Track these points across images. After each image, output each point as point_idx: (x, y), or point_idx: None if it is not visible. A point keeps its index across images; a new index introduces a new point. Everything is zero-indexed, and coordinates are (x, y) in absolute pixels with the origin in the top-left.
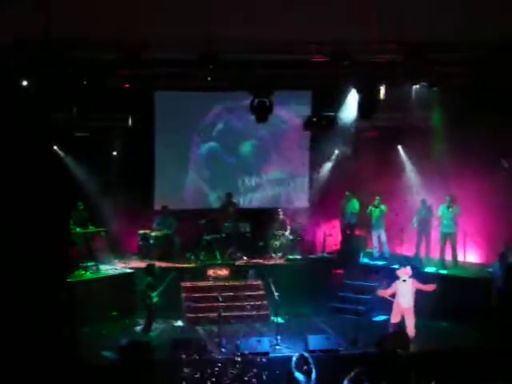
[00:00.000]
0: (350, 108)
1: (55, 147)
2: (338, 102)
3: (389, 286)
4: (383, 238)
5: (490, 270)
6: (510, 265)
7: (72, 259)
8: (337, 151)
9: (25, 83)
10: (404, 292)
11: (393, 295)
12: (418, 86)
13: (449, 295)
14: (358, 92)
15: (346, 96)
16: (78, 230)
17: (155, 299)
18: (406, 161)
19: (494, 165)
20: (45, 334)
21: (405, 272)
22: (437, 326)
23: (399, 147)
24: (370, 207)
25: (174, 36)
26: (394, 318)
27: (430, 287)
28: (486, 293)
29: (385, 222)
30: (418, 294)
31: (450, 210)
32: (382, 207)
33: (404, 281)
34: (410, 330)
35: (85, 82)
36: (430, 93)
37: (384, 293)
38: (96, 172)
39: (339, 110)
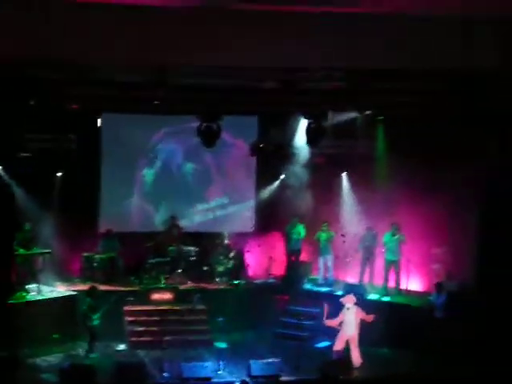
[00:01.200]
0: (297, 134)
1: None
2: (285, 128)
3: (333, 313)
4: (329, 263)
5: (431, 298)
6: (450, 293)
7: (14, 281)
8: (283, 176)
9: None
10: (349, 320)
11: (340, 324)
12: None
13: (391, 322)
14: (305, 119)
15: (294, 122)
16: (21, 251)
17: (96, 322)
18: (348, 188)
19: (437, 195)
20: None
21: (349, 300)
22: (378, 353)
23: (343, 175)
24: (318, 233)
25: (123, 60)
26: (338, 345)
27: (370, 318)
28: (427, 321)
29: (332, 248)
30: (361, 322)
31: (395, 237)
32: (330, 233)
33: (348, 309)
34: (356, 356)
35: (31, 102)
36: (375, 121)
37: (331, 322)
38: (40, 193)
39: (286, 136)
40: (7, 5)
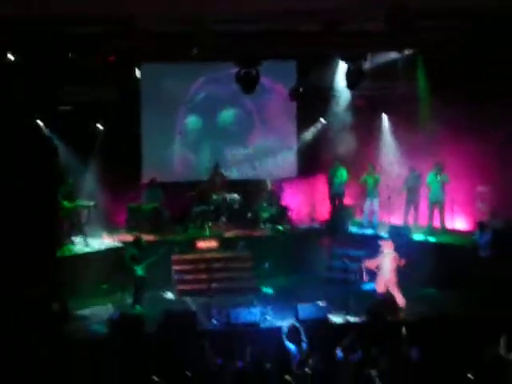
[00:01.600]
0: (337, 77)
1: (39, 122)
2: (324, 71)
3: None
4: (376, 206)
5: (474, 237)
6: (495, 231)
7: (60, 234)
8: (323, 120)
9: (11, 58)
10: (385, 264)
11: (377, 267)
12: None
13: (436, 262)
14: (344, 62)
15: (333, 65)
16: (65, 204)
17: (140, 272)
18: (389, 130)
19: (482, 132)
20: (35, 309)
21: (386, 245)
22: (425, 293)
23: (384, 116)
24: (364, 176)
25: (160, 8)
26: (379, 288)
27: (402, 262)
28: (473, 260)
29: (378, 191)
30: (407, 261)
31: (439, 177)
32: (376, 176)
33: (385, 254)
34: (399, 299)
35: (70, 55)
36: (416, 62)
37: (370, 264)
38: (82, 146)
39: (326, 80)
40: None
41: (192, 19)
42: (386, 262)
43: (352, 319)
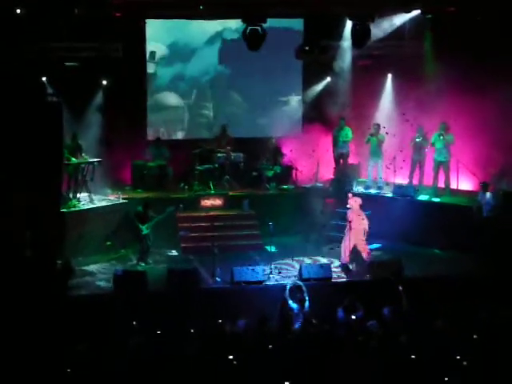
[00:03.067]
0: (343, 36)
1: (44, 78)
2: (331, 30)
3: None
4: (380, 166)
5: (478, 198)
6: (503, 192)
7: (65, 190)
8: (329, 79)
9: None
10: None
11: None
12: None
13: (442, 223)
14: (351, 20)
15: (340, 25)
16: (72, 160)
17: (145, 231)
18: (395, 89)
19: (488, 92)
20: (39, 265)
21: (353, 201)
22: (429, 253)
23: (389, 75)
24: (368, 136)
25: None
26: (346, 244)
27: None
28: (477, 220)
29: (383, 151)
30: (411, 221)
31: (441, 137)
32: (380, 136)
33: (353, 209)
34: (365, 254)
35: (76, 11)
36: (423, 20)
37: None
38: (87, 102)
39: (332, 39)
40: None
41: None
42: (353, 217)
43: (355, 279)
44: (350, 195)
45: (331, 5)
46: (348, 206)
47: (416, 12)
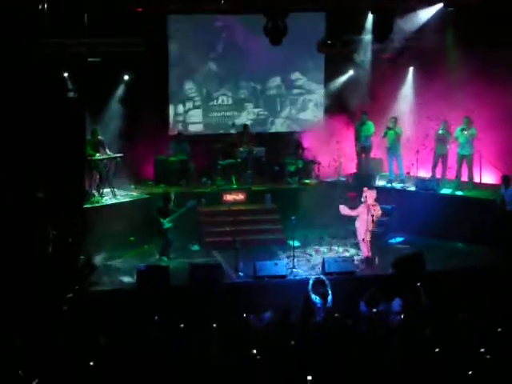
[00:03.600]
0: (365, 30)
1: (66, 74)
2: (352, 23)
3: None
4: (399, 160)
5: (501, 191)
6: None
7: (88, 186)
8: (352, 72)
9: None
10: (364, 214)
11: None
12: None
13: (464, 216)
14: (373, 13)
15: (362, 18)
16: (95, 155)
17: (167, 225)
18: (418, 83)
19: (511, 85)
20: (61, 260)
21: (370, 195)
22: (452, 247)
23: (411, 68)
24: (385, 130)
25: None
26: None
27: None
28: (500, 214)
29: (401, 144)
30: (433, 215)
31: (465, 131)
32: (398, 129)
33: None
34: (365, 250)
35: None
36: (445, 14)
37: (346, 211)
38: (110, 98)
39: (354, 32)
40: None
41: None
42: (366, 211)
43: (378, 273)
44: (365, 189)
45: None
46: (362, 199)
47: (438, 5)
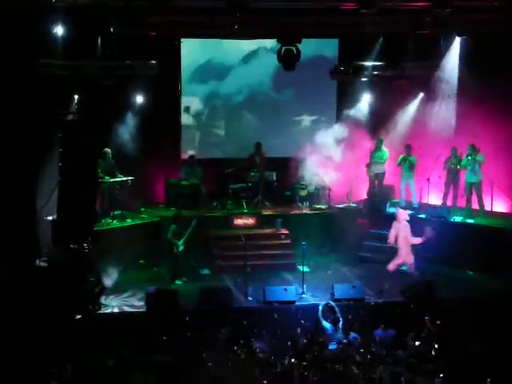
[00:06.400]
0: (379, 57)
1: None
2: (366, 51)
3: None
4: (412, 188)
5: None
6: None
7: (99, 208)
8: (365, 99)
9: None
10: (402, 233)
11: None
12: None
13: (475, 244)
14: (385, 40)
15: (375, 45)
16: (105, 178)
17: (181, 247)
18: (426, 109)
19: None
20: (70, 281)
21: (402, 215)
22: (463, 275)
23: (421, 95)
24: (400, 157)
25: None
26: (398, 259)
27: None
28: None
29: (414, 172)
30: (443, 242)
31: (470, 158)
32: (412, 157)
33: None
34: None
35: (111, 30)
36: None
37: (391, 239)
38: (122, 120)
39: (367, 59)
40: None
41: None
42: (402, 231)
43: (388, 300)
44: (398, 209)
45: (366, 25)
46: (396, 220)
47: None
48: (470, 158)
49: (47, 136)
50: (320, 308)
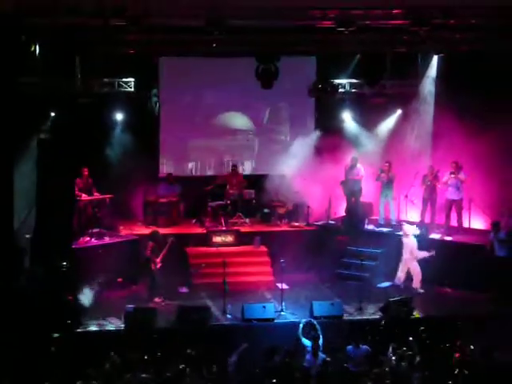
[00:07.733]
0: (357, 74)
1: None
2: (343, 68)
3: (393, 253)
4: (391, 205)
5: (490, 237)
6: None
7: (76, 226)
8: (344, 116)
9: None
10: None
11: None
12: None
13: (453, 261)
14: (363, 58)
15: (352, 62)
16: (83, 196)
17: (158, 265)
18: (403, 127)
19: (500, 131)
20: (48, 301)
21: (410, 229)
22: (441, 292)
23: (398, 111)
24: (378, 174)
25: (179, 2)
26: (400, 275)
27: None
28: (489, 259)
29: (393, 189)
30: (423, 260)
31: (453, 176)
32: (390, 174)
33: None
34: (416, 282)
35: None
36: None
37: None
38: (99, 138)
39: (345, 77)
40: None
41: (210, 14)
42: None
43: (366, 317)
44: (403, 223)
45: (343, 43)
46: (403, 233)
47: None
48: (451, 175)
49: (23, 154)
50: (300, 325)
